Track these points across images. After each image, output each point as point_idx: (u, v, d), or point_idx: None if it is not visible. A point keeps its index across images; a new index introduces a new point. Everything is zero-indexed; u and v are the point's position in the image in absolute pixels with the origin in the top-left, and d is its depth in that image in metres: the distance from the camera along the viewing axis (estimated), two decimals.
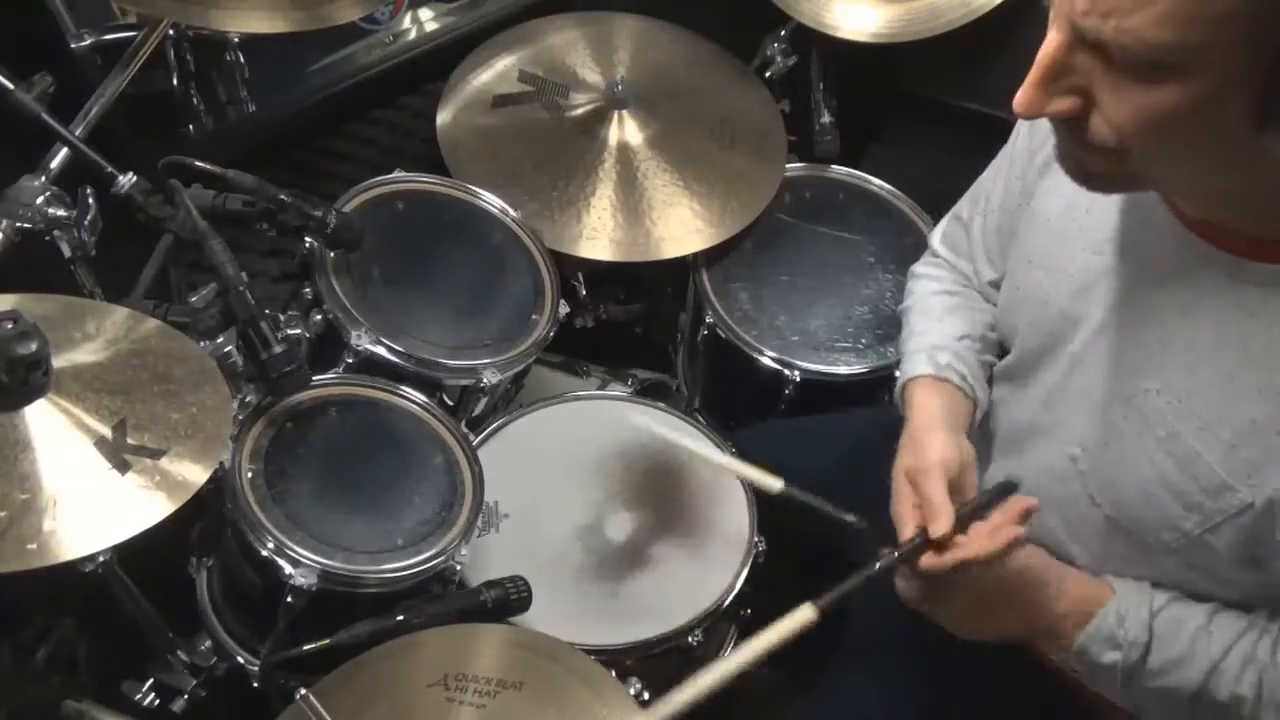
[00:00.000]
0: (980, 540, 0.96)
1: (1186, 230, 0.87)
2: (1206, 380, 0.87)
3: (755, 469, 1.20)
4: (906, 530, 1.00)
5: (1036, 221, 1.05)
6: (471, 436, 1.37)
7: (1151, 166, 0.80)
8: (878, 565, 0.98)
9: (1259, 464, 0.84)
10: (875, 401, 1.57)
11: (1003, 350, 1.17)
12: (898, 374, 1.21)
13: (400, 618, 1.13)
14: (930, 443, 1.06)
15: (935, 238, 1.31)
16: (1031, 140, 1.06)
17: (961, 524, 0.97)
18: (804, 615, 0.95)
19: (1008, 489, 1.02)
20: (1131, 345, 0.93)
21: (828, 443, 1.43)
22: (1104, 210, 0.96)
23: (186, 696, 1.30)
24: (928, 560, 0.97)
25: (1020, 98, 0.78)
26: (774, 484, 1.16)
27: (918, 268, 1.32)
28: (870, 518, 1.13)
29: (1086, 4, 0.71)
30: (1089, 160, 0.82)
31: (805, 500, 1.14)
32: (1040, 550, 1.03)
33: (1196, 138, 0.75)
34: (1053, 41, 0.76)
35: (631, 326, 1.90)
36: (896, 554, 0.99)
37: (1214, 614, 0.94)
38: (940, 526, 0.96)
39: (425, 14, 1.84)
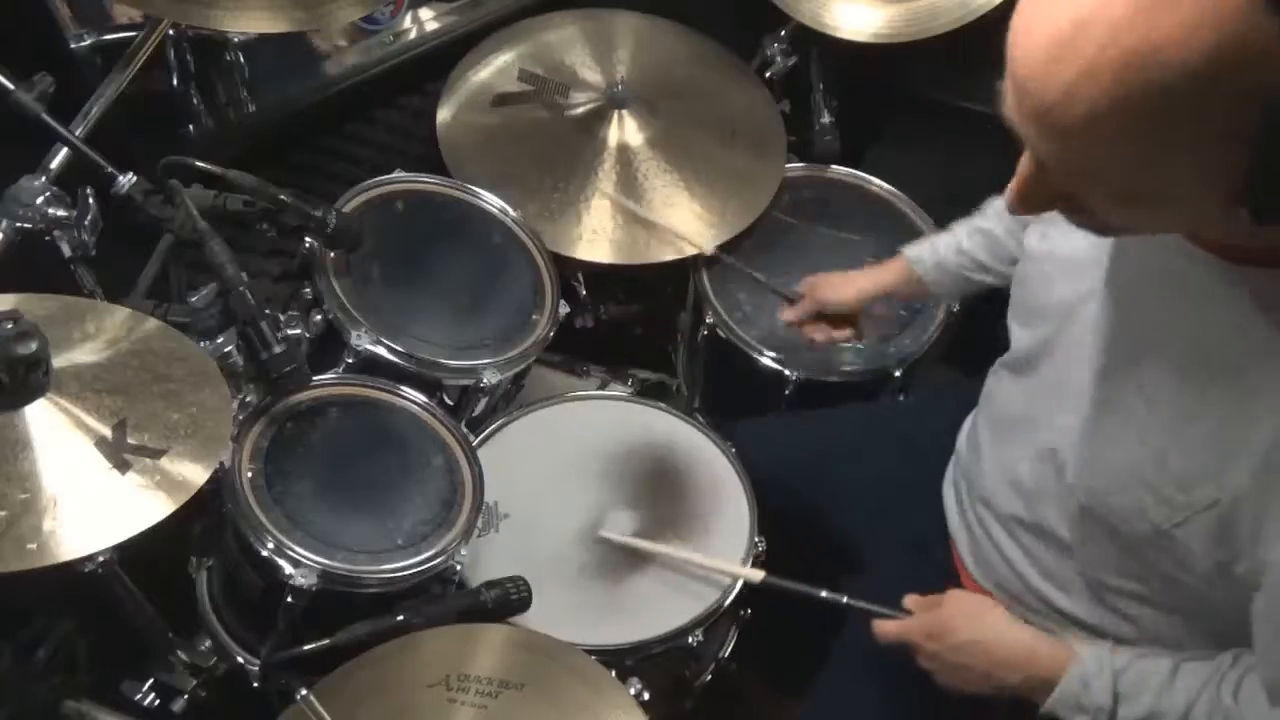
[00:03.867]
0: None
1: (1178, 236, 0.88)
2: (1182, 378, 0.88)
3: (736, 566, 1.30)
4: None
5: (1041, 219, 1.05)
6: (471, 436, 1.37)
7: (1141, 230, 0.84)
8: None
9: (1226, 460, 0.85)
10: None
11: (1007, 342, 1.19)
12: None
13: (400, 618, 1.13)
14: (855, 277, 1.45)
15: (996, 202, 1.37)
16: None
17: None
18: (752, 574, 1.14)
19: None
20: (1116, 342, 0.95)
21: (819, 437, 1.44)
22: None
23: (186, 696, 1.30)
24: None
25: (1008, 202, 0.81)
26: (755, 576, 1.27)
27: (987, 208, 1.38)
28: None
29: (1059, 158, 0.73)
30: (1083, 220, 0.84)
31: (788, 587, 1.23)
32: (1008, 625, 1.07)
33: (1179, 224, 0.80)
34: (1027, 168, 0.78)
35: (631, 326, 1.90)
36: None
37: (1178, 667, 0.96)
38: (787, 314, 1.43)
39: (425, 14, 1.84)
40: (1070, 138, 0.70)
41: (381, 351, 1.35)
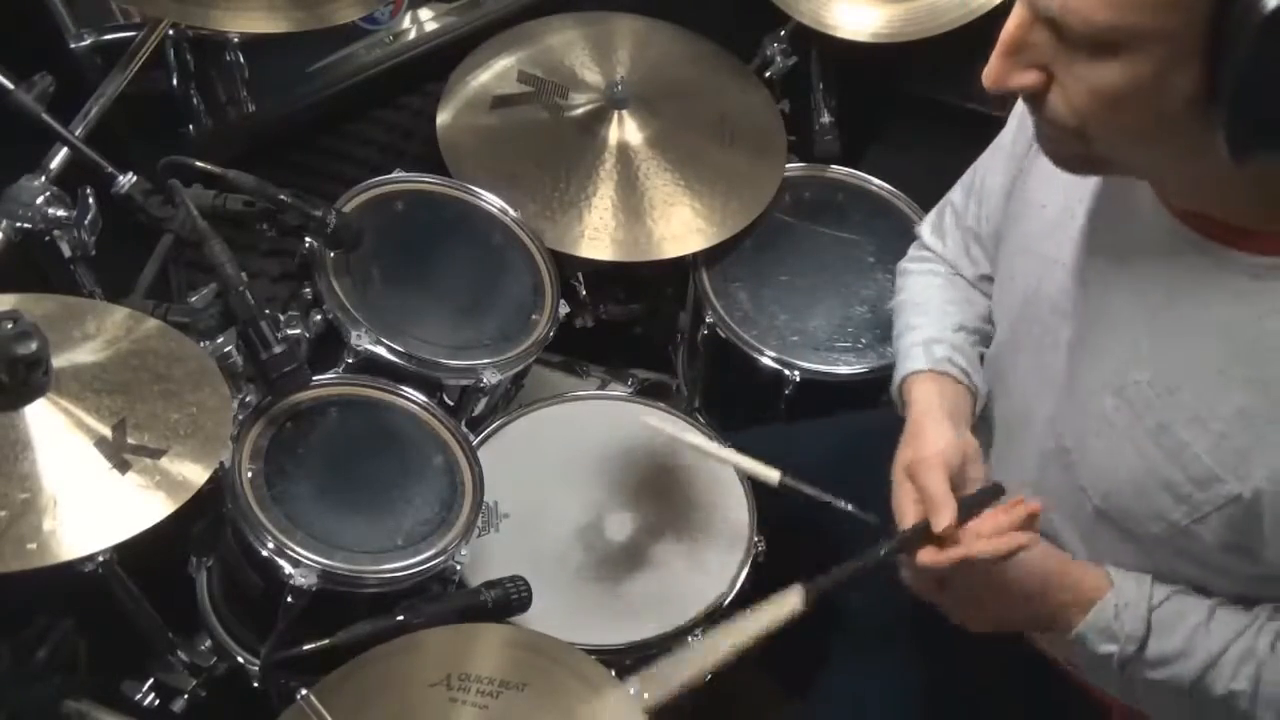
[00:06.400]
0: (981, 541, 0.96)
1: (1175, 220, 0.88)
2: (1195, 371, 0.87)
3: (753, 461, 1.20)
4: (908, 523, 1.00)
5: (1031, 209, 1.05)
6: (471, 436, 1.37)
7: (1114, 149, 0.82)
8: (878, 554, 0.98)
9: (1247, 454, 0.85)
10: (875, 402, 1.57)
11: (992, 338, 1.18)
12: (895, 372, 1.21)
13: (400, 618, 1.13)
14: (929, 434, 1.06)
15: (924, 229, 1.31)
16: (1026, 127, 1.06)
17: (960, 517, 0.97)
18: (792, 602, 0.95)
19: (996, 492, 1.01)
20: (1121, 336, 0.93)
21: (827, 445, 1.43)
22: (1096, 200, 0.96)
23: (186, 696, 1.30)
24: (926, 555, 0.96)
25: (987, 70, 0.82)
26: (771, 475, 1.16)
27: (907, 264, 1.32)
28: (859, 509, 1.14)
29: None
30: (1059, 141, 0.84)
31: (804, 490, 1.14)
32: (1046, 545, 1.02)
33: (1148, 119, 0.77)
34: (1014, 17, 0.80)
35: (631, 326, 1.90)
36: (895, 542, 0.98)
37: (1215, 609, 0.95)
38: (942, 519, 0.95)
39: (425, 14, 1.84)
40: None
41: (381, 351, 1.35)
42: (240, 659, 1.27)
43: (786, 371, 1.53)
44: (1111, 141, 0.81)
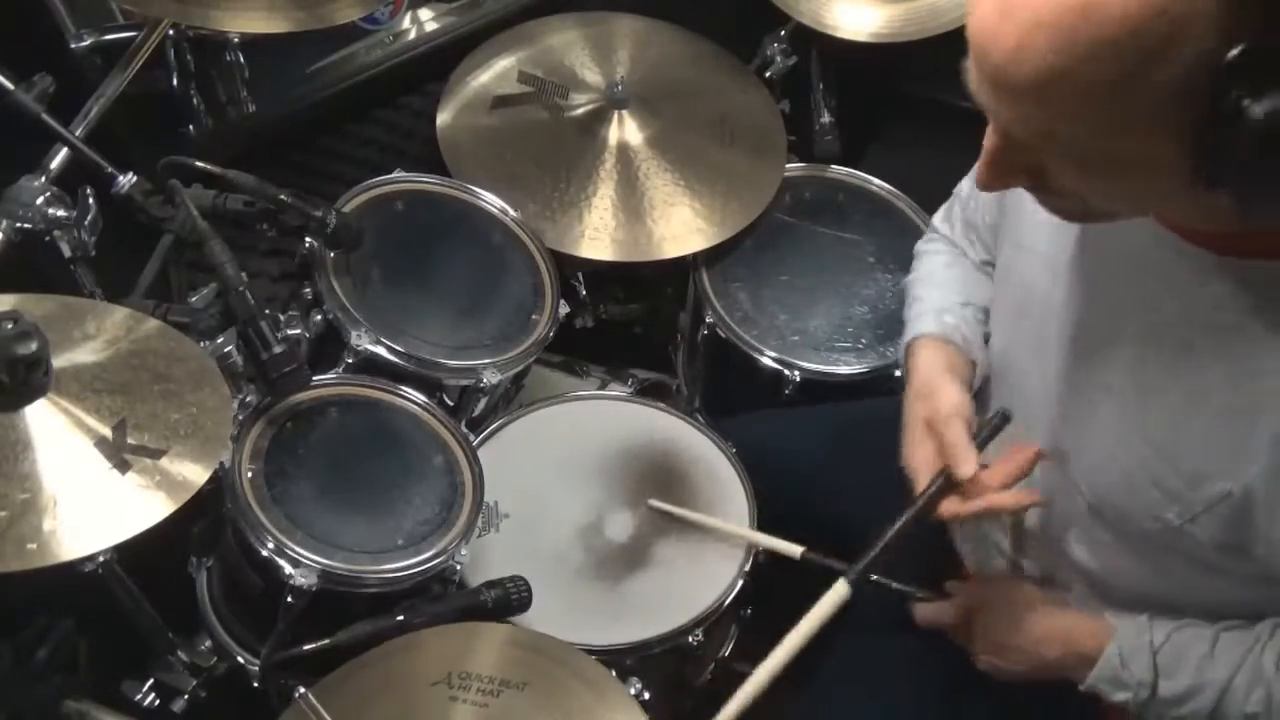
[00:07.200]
0: (1001, 496, 1.02)
1: (1158, 225, 0.88)
2: (1181, 371, 0.88)
3: (773, 538, 1.27)
4: (923, 480, 1.05)
5: (1024, 205, 1.05)
6: (471, 436, 1.37)
7: (1113, 210, 0.83)
8: (907, 520, 1.03)
9: (1235, 452, 0.85)
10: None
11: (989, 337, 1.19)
12: (905, 340, 1.23)
13: (400, 618, 1.13)
14: (945, 391, 1.10)
15: (938, 216, 1.33)
16: None
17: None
18: (839, 591, 1.04)
19: (1006, 418, 1.06)
20: (1110, 336, 0.94)
21: (820, 430, 1.44)
22: None
23: (186, 696, 1.30)
24: (949, 507, 1.03)
25: (978, 178, 0.82)
26: (793, 550, 1.21)
27: (921, 245, 1.35)
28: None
29: (1019, 122, 0.73)
30: (1059, 202, 0.85)
31: (826, 564, 1.17)
32: (1037, 596, 1.06)
33: (1146, 197, 0.79)
34: (992, 139, 0.78)
35: (631, 326, 1.90)
36: (919, 506, 1.03)
37: (1218, 637, 0.95)
38: (966, 469, 1.01)
39: (425, 14, 1.84)
40: (1025, 98, 0.70)
41: (381, 351, 1.35)
42: (240, 659, 1.27)
43: (787, 371, 1.53)
44: (1110, 207, 0.82)
